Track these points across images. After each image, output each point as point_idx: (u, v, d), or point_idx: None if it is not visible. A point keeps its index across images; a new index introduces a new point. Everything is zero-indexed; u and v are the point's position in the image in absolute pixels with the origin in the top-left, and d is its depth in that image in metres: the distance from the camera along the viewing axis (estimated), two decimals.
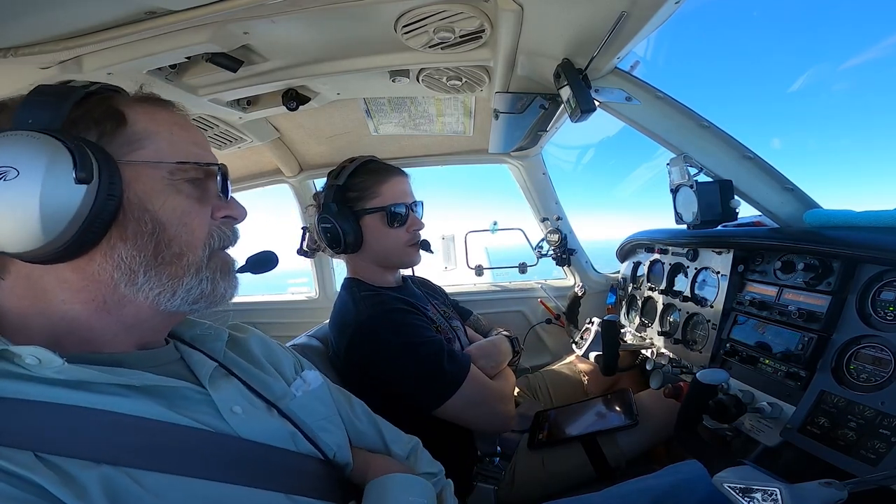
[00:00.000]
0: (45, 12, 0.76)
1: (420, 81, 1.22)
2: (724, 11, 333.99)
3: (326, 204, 1.11)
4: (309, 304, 2.35)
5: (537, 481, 1.13)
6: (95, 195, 0.45)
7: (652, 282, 1.56)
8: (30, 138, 0.43)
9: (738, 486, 0.55)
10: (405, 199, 1.16)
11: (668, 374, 1.21)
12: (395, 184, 1.16)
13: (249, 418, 0.55)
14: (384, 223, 1.13)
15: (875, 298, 0.81)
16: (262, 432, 0.55)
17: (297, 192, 2.07)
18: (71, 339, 0.49)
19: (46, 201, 0.42)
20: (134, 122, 0.51)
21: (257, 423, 0.55)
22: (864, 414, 0.75)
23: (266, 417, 0.57)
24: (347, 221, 1.10)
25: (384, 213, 1.12)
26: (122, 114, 0.51)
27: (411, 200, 1.18)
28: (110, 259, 0.48)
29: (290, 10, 0.85)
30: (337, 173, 1.15)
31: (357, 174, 1.14)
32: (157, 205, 0.50)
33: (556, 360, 1.80)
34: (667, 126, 1.01)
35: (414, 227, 1.18)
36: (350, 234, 1.10)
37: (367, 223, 1.13)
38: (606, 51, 0.85)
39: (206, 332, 0.64)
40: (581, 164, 29.08)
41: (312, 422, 0.63)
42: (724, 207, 0.99)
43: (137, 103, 0.53)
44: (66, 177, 0.43)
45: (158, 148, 0.52)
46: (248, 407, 0.56)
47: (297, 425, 0.60)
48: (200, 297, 0.53)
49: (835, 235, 0.89)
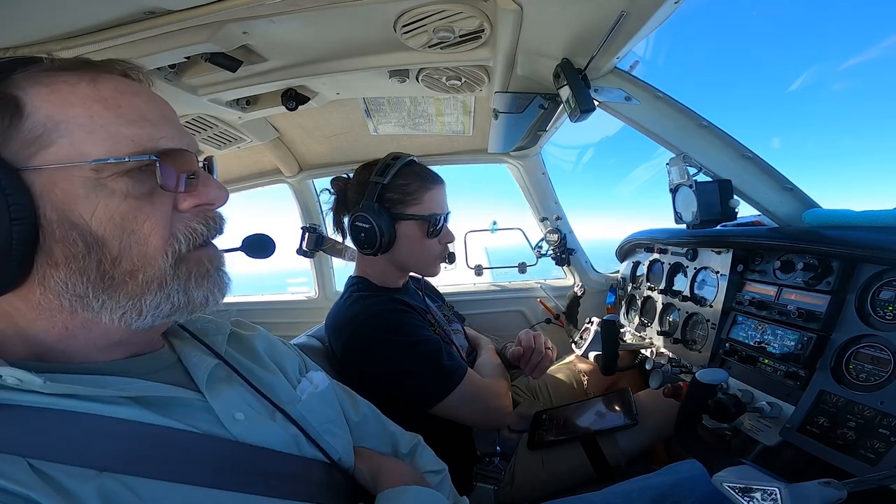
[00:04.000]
0: (45, 12, 0.75)
1: (419, 81, 1.22)
2: (723, 11, 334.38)
3: (367, 202, 1.07)
4: (308, 304, 2.34)
5: (537, 481, 1.13)
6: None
7: (651, 281, 1.56)
8: None
9: (738, 485, 0.55)
10: (443, 210, 1.13)
11: (668, 374, 1.21)
12: (437, 192, 1.13)
13: (252, 424, 0.52)
14: (422, 233, 1.10)
15: (874, 298, 0.81)
16: (266, 437, 0.52)
17: (296, 191, 2.06)
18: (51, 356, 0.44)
19: None
20: (35, 109, 0.38)
21: (261, 429, 0.52)
22: (864, 413, 0.75)
23: (269, 422, 0.55)
24: (386, 223, 1.06)
25: (425, 223, 1.09)
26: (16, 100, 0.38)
27: (447, 212, 1.15)
28: (48, 288, 0.40)
29: (290, 10, 0.85)
30: (382, 170, 1.09)
31: (402, 175, 1.09)
32: (87, 215, 0.39)
33: (555, 360, 1.81)
34: (666, 126, 1.01)
35: (446, 241, 1.16)
36: (386, 237, 1.06)
37: (403, 228, 1.09)
38: (606, 50, 0.85)
39: (208, 326, 0.61)
40: (581, 164, 28.74)
41: (318, 425, 0.60)
42: (724, 207, 0.99)
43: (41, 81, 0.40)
44: None
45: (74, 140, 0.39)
46: (250, 412, 0.53)
47: (302, 428, 0.57)
48: (174, 311, 0.45)
49: (834, 235, 0.89)
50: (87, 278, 0.40)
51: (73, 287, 0.40)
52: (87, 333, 0.44)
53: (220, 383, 0.53)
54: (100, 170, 0.40)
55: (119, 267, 0.41)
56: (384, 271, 1.18)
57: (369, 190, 1.08)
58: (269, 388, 0.59)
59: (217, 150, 1.65)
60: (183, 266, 0.46)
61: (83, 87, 0.41)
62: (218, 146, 1.62)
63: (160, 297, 0.44)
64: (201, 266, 0.47)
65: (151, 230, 0.43)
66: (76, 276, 0.40)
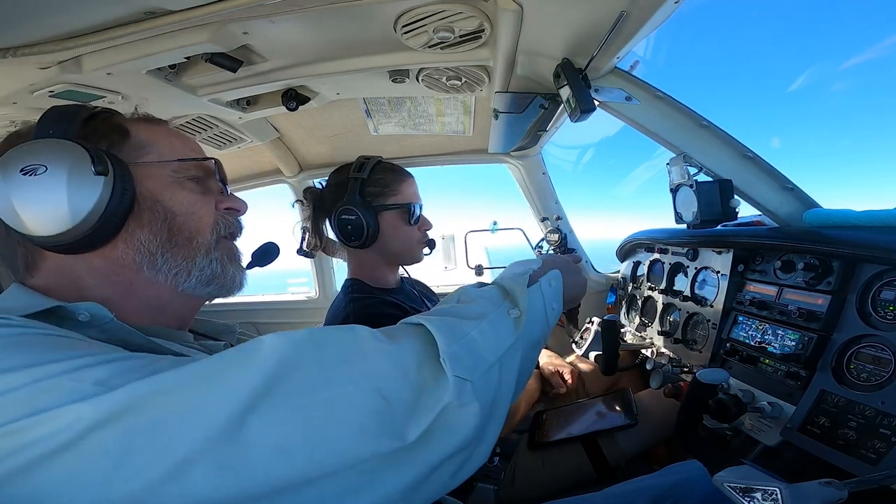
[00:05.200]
0: (44, 12, 0.76)
1: (420, 81, 1.22)
2: (723, 11, 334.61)
3: (350, 196, 1.13)
4: (309, 304, 2.35)
5: (537, 481, 1.13)
6: (112, 187, 0.51)
7: (652, 281, 1.56)
8: (53, 142, 0.50)
9: (738, 485, 0.55)
10: (418, 200, 1.21)
11: (668, 374, 1.21)
12: (411, 184, 1.21)
13: None
14: (403, 220, 1.16)
15: (875, 298, 0.81)
16: None
17: (296, 192, 2.06)
18: None
19: (71, 191, 0.49)
20: (136, 134, 0.58)
21: None
22: (865, 413, 0.75)
23: None
24: (370, 214, 1.12)
25: (405, 211, 1.16)
26: (125, 128, 0.58)
27: (421, 202, 1.22)
28: (131, 244, 0.54)
29: (290, 10, 0.85)
30: (359, 167, 1.16)
31: (377, 171, 1.17)
32: (166, 197, 0.57)
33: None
34: (666, 126, 1.01)
35: (425, 227, 1.23)
36: (371, 227, 1.12)
37: (385, 219, 1.15)
38: (606, 50, 0.85)
39: (219, 327, 0.71)
40: (581, 164, 28.80)
41: None
42: (724, 207, 0.99)
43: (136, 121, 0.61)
44: (86, 170, 0.49)
45: (160, 153, 0.59)
46: None
47: None
48: (213, 278, 0.59)
49: (835, 235, 0.89)
50: (160, 238, 0.56)
51: (149, 243, 0.55)
52: (145, 291, 0.56)
53: None
54: (177, 171, 0.59)
55: (181, 233, 0.57)
56: (374, 269, 1.20)
57: (350, 187, 1.14)
58: None
59: (217, 150, 1.65)
60: (221, 244, 0.62)
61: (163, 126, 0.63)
62: (218, 146, 1.62)
63: (205, 262, 0.59)
64: (232, 250, 0.64)
65: (204, 213, 0.60)
66: (153, 236, 0.55)
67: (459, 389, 0.39)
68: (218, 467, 0.32)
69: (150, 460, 0.32)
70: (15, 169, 0.48)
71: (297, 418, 0.35)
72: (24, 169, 0.48)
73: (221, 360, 0.39)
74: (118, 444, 0.32)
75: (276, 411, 0.35)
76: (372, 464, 0.36)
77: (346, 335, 0.43)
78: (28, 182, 0.48)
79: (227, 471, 0.33)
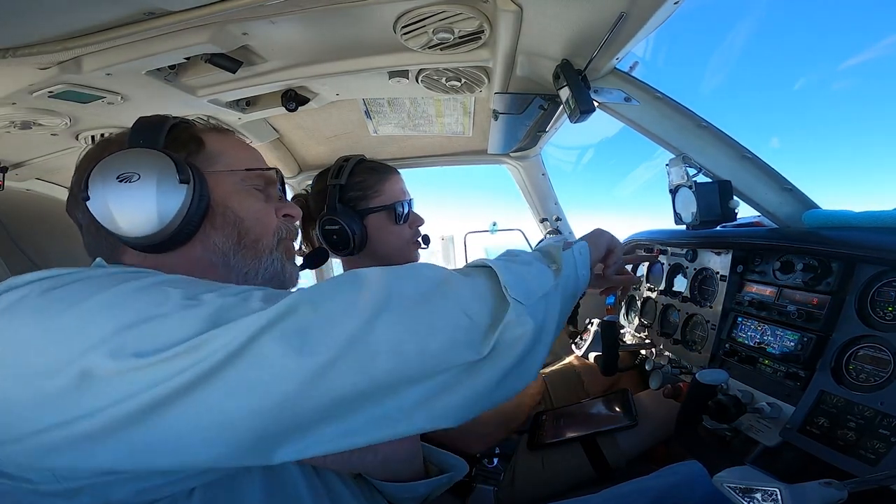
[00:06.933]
0: (44, 12, 0.76)
1: (419, 82, 1.22)
2: (723, 11, 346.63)
3: (330, 205, 1.09)
4: None
5: (537, 482, 1.12)
6: (192, 194, 0.56)
7: (651, 282, 1.56)
8: (145, 152, 0.56)
9: (738, 486, 0.55)
10: (405, 197, 1.16)
11: (668, 375, 1.21)
12: (395, 181, 1.15)
13: None
14: (390, 221, 1.12)
15: (874, 298, 0.81)
16: None
17: (296, 192, 2.06)
18: None
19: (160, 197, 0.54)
20: (209, 144, 0.64)
21: None
22: (864, 414, 0.75)
23: None
24: (354, 221, 1.08)
25: (390, 211, 1.11)
26: (200, 139, 0.64)
27: (409, 198, 1.17)
28: (208, 245, 0.60)
29: (290, 11, 0.85)
30: (336, 172, 1.12)
31: (356, 173, 1.12)
32: (236, 204, 0.63)
33: (555, 361, 1.80)
34: (666, 126, 1.01)
35: (416, 224, 1.18)
36: (357, 233, 1.08)
37: (371, 222, 1.11)
38: (605, 51, 0.85)
39: None
40: (580, 165, 28.68)
41: None
42: (723, 208, 0.99)
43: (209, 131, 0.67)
44: (172, 179, 0.55)
45: (229, 162, 0.65)
46: None
47: None
48: (275, 275, 0.65)
49: (834, 236, 0.89)
50: (232, 240, 0.61)
51: (223, 245, 0.61)
52: None
53: None
54: (245, 179, 0.65)
55: (249, 236, 0.63)
56: None
57: (329, 194, 1.09)
58: None
59: None
60: (282, 244, 0.68)
61: (233, 137, 0.69)
62: None
63: (269, 261, 0.64)
64: (291, 250, 0.71)
65: (268, 218, 0.66)
66: (226, 238, 0.61)
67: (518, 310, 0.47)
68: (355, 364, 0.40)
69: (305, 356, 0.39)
70: (112, 176, 0.54)
71: (408, 327, 0.43)
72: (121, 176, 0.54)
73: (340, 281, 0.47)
74: (278, 346, 0.38)
75: (392, 321, 0.42)
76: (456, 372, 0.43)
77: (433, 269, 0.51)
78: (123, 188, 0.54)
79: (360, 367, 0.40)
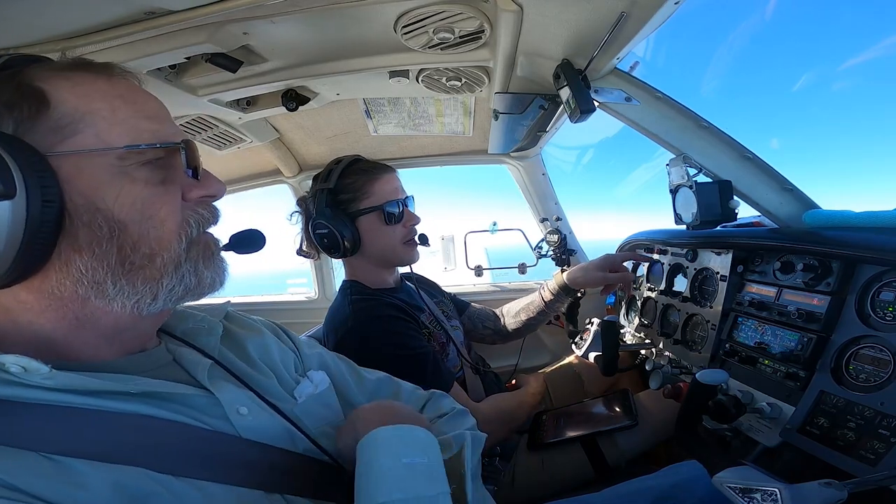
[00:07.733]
0: (45, 13, 0.75)
1: (420, 82, 1.22)
2: (723, 11, 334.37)
3: (319, 209, 1.10)
4: (308, 305, 2.34)
5: (537, 482, 1.12)
6: (26, 207, 0.36)
7: (651, 282, 1.56)
8: None
9: (738, 486, 0.55)
10: (398, 196, 1.16)
11: (668, 375, 1.21)
12: (386, 181, 1.15)
13: (255, 419, 0.52)
14: (381, 222, 1.13)
15: (874, 299, 0.81)
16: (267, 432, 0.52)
17: (296, 192, 2.06)
18: (50, 354, 0.43)
19: None
20: (60, 101, 0.41)
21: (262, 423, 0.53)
22: (864, 414, 0.75)
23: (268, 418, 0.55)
24: (343, 224, 1.09)
25: (380, 212, 1.12)
26: (41, 92, 0.40)
27: (403, 196, 1.17)
28: (68, 274, 0.41)
29: (290, 11, 0.85)
30: (325, 176, 1.13)
31: (346, 175, 1.13)
32: (110, 201, 0.41)
33: (555, 361, 1.80)
34: (666, 126, 1.01)
35: (410, 223, 1.18)
36: (348, 237, 1.09)
37: (363, 224, 1.12)
38: (606, 51, 0.85)
39: (199, 326, 0.59)
40: (581, 165, 28.69)
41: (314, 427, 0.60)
42: (724, 208, 0.99)
43: (61, 75, 0.42)
44: None
45: (98, 130, 0.41)
46: (253, 407, 0.53)
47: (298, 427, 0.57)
48: (186, 293, 0.48)
49: (834, 236, 0.89)
50: (108, 263, 0.42)
51: (93, 272, 0.42)
52: (96, 323, 0.45)
53: (219, 380, 0.53)
54: (125, 158, 0.42)
55: (138, 251, 0.43)
56: (368, 273, 1.19)
57: (318, 198, 1.11)
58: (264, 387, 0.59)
59: (217, 150, 1.65)
60: (193, 248, 0.48)
61: (101, 83, 0.44)
62: (218, 147, 1.62)
63: (175, 281, 0.46)
64: (208, 248, 0.50)
65: (167, 215, 0.45)
66: (97, 262, 0.42)
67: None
68: None
69: None
70: None
71: None
72: None
73: None
74: None
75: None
76: None
77: None
78: None
79: None
